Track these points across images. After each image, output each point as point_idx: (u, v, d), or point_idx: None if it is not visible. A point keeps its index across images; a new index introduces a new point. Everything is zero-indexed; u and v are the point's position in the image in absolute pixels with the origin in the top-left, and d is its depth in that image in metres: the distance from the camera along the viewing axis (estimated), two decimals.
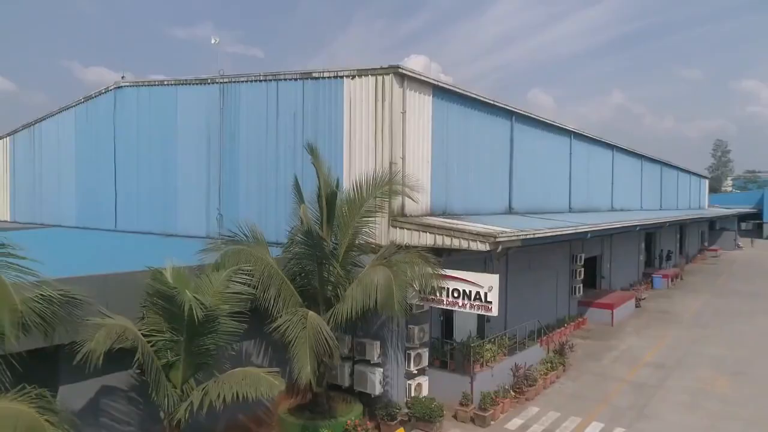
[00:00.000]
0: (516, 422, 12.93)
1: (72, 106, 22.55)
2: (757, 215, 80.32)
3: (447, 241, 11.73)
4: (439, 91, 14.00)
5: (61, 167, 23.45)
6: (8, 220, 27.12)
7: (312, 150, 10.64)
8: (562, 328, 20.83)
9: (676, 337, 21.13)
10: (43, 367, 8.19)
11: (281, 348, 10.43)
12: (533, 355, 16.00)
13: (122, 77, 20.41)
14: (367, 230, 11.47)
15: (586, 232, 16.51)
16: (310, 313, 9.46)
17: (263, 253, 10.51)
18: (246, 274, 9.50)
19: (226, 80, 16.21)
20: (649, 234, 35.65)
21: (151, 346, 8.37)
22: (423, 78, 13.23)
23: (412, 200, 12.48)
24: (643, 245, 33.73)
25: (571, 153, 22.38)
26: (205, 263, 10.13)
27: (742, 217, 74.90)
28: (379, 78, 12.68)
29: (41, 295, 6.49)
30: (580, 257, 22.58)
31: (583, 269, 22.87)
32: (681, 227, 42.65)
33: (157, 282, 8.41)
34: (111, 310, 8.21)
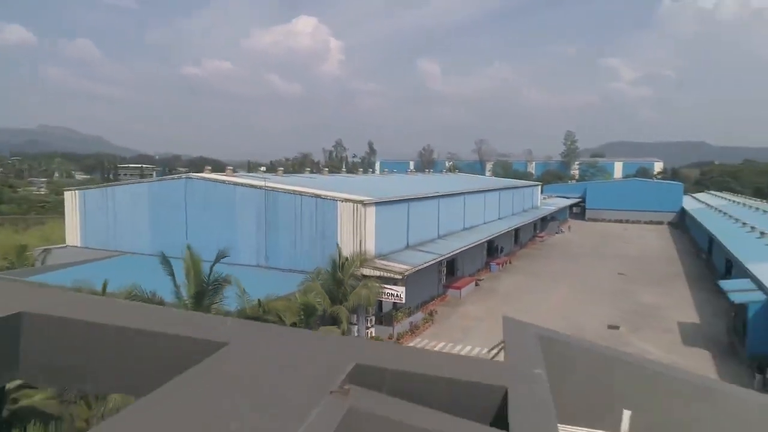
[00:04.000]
0: (411, 344, 31.01)
1: (145, 182, 36.88)
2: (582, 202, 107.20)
3: (384, 274, 29.26)
4: (378, 203, 31.30)
5: (134, 212, 37.62)
6: (79, 245, 40.41)
7: (338, 248, 27.65)
8: (435, 301, 39.44)
9: (490, 305, 40.59)
10: None
11: (327, 318, 27.43)
12: (419, 316, 34.31)
13: (187, 171, 35.22)
14: (353, 272, 28.68)
15: (443, 259, 34.98)
16: (342, 307, 26.63)
17: (317, 284, 27.33)
18: (316, 295, 26.32)
19: (270, 188, 32.21)
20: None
21: None
22: (372, 201, 30.50)
23: (368, 257, 29.90)
24: (485, 244, 53.65)
25: (439, 206, 40.80)
26: (298, 288, 26.72)
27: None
28: (355, 204, 29.69)
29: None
30: (444, 262, 41.21)
31: (445, 268, 41.60)
32: None
33: (301, 297, 25.10)
34: None
